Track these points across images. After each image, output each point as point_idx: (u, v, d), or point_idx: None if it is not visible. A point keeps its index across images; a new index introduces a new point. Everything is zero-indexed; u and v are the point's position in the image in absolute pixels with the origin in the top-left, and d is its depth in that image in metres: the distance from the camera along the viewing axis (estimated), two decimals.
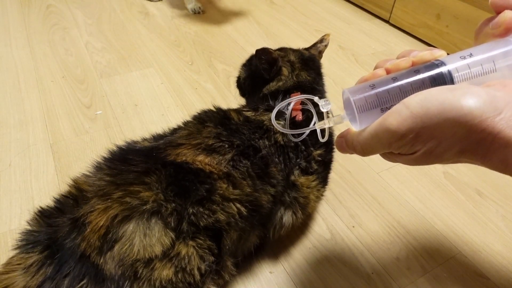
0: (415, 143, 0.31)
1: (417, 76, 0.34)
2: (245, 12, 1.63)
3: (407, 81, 0.34)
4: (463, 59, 0.33)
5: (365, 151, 0.35)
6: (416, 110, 0.30)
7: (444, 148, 0.31)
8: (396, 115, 0.31)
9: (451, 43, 1.35)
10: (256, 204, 0.57)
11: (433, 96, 0.30)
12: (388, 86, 0.34)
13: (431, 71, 0.33)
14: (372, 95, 0.34)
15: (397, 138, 0.31)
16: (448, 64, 0.33)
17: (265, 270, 0.70)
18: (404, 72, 0.34)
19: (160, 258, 0.46)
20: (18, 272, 0.44)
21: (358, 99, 0.34)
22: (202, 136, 0.58)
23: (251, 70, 0.79)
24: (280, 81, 0.72)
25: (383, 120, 0.32)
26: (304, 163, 0.64)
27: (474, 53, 0.33)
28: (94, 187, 0.50)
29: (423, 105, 0.30)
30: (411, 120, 0.30)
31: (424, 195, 0.85)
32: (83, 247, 0.45)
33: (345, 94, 0.36)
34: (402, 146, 0.32)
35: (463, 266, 0.71)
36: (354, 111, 0.34)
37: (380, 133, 0.32)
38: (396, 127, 0.31)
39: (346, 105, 0.36)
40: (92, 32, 1.43)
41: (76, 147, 0.92)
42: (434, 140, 0.31)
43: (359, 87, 0.35)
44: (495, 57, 0.33)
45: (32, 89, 1.11)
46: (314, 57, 0.78)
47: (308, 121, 0.42)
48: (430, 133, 0.30)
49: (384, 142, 0.33)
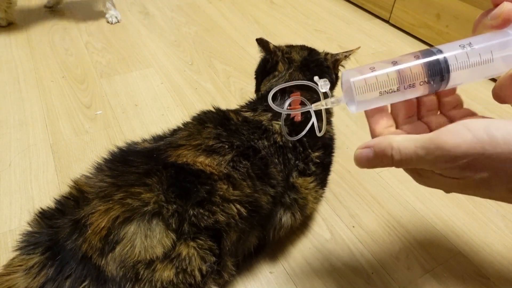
0: (466, 169, 0.29)
1: (416, 61, 0.34)
2: (245, 12, 1.62)
3: (407, 65, 0.34)
4: (462, 48, 0.33)
5: (403, 162, 0.32)
6: (479, 135, 0.28)
7: (498, 181, 0.29)
8: (454, 135, 0.28)
9: None
10: (256, 204, 0.57)
11: (501, 125, 0.28)
12: (388, 69, 0.34)
13: (429, 58, 0.34)
14: (372, 77, 0.34)
15: (448, 159, 0.29)
16: (445, 51, 0.34)
17: (265, 270, 0.70)
18: (404, 56, 0.35)
19: (161, 260, 0.46)
20: (20, 274, 0.44)
21: (358, 81, 0.34)
22: (202, 137, 0.59)
23: (258, 64, 0.81)
24: (275, 77, 0.73)
25: (435, 136, 0.29)
26: (302, 164, 0.64)
27: (473, 42, 0.33)
28: (95, 188, 0.50)
29: (488, 131, 0.28)
30: (471, 144, 0.28)
31: (424, 195, 0.85)
32: (85, 249, 0.45)
33: (344, 75, 0.35)
34: (449, 168, 0.30)
35: (463, 266, 0.72)
36: (352, 92, 0.34)
37: (431, 149, 0.29)
38: (452, 147, 0.28)
39: (345, 88, 0.36)
40: (92, 32, 1.43)
41: (76, 147, 0.92)
42: (490, 170, 0.28)
43: (358, 69, 0.35)
44: (493, 48, 0.33)
45: (32, 89, 1.11)
46: (322, 61, 0.76)
47: (307, 122, 0.42)
48: (489, 162, 0.28)
49: (431, 159, 0.30)
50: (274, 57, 0.76)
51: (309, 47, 0.80)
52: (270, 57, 0.76)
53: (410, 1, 1.46)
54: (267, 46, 0.75)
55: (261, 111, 0.66)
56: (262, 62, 0.80)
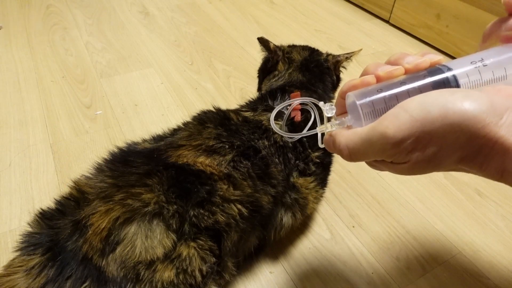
0: (413, 150, 0.29)
1: (426, 80, 0.31)
2: (245, 12, 1.62)
3: (417, 85, 0.31)
4: (474, 64, 0.31)
5: (353, 157, 0.32)
6: (415, 113, 0.28)
7: (444, 155, 0.29)
8: (393, 119, 0.28)
9: (451, 43, 1.35)
10: (256, 204, 0.57)
11: (434, 99, 0.28)
12: (397, 90, 0.31)
13: (439, 76, 0.31)
14: (380, 99, 0.31)
15: (394, 144, 0.29)
16: (455, 69, 0.31)
17: (265, 270, 0.70)
18: (412, 76, 0.32)
19: (161, 260, 0.46)
20: (20, 275, 0.44)
21: (365, 104, 0.32)
22: (202, 137, 0.59)
23: (261, 63, 0.82)
24: (275, 76, 0.74)
25: (377, 124, 0.29)
26: (302, 164, 0.64)
27: (485, 58, 0.31)
28: (96, 189, 0.50)
29: (423, 108, 0.28)
30: (410, 124, 0.28)
31: (424, 195, 0.85)
32: (85, 249, 0.45)
33: (349, 98, 0.33)
34: (397, 154, 0.29)
35: (463, 266, 0.72)
36: (360, 115, 0.32)
37: (374, 138, 0.30)
38: (394, 131, 0.28)
39: (351, 109, 0.34)
40: (92, 32, 1.42)
41: (76, 147, 0.92)
42: (433, 146, 0.28)
43: (365, 90, 0.33)
44: (506, 63, 0.31)
45: (32, 89, 1.11)
46: (321, 62, 0.76)
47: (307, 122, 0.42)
48: (430, 138, 0.28)
49: (378, 149, 0.30)
50: (274, 57, 0.76)
51: (312, 48, 0.80)
52: (271, 56, 0.76)
53: (410, 1, 1.46)
54: (268, 45, 0.76)
55: (261, 111, 0.66)
56: (265, 61, 0.81)
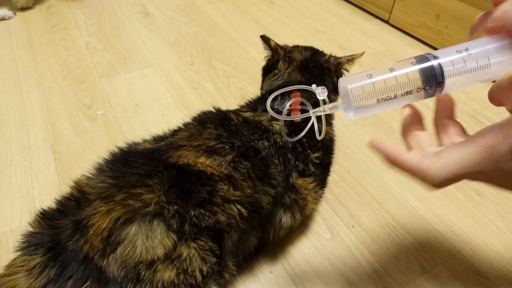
0: None
1: (413, 68, 0.34)
2: (245, 12, 1.63)
3: (405, 71, 0.34)
4: (459, 53, 0.34)
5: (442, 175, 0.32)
6: None
7: None
8: None
9: (451, 44, 1.32)
10: (256, 205, 0.57)
11: None
12: (385, 76, 0.34)
13: (425, 64, 0.34)
14: (369, 84, 0.34)
15: None
16: (441, 57, 0.34)
17: (265, 270, 0.70)
18: (400, 63, 0.35)
19: (162, 260, 0.46)
20: (21, 274, 0.44)
21: (355, 88, 0.34)
22: (203, 137, 0.59)
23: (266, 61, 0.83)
24: (275, 75, 0.74)
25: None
26: (301, 165, 0.65)
27: (470, 47, 0.34)
28: (96, 189, 0.50)
29: None
30: None
31: (424, 195, 0.85)
32: (86, 250, 0.45)
33: (342, 82, 0.36)
34: None
35: (463, 265, 0.72)
36: (350, 99, 0.34)
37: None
38: None
39: (343, 94, 0.36)
40: (93, 33, 1.43)
41: (76, 147, 0.93)
42: None
43: (356, 76, 0.35)
44: (489, 52, 0.33)
45: (33, 89, 1.11)
46: (322, 63, 0.76)
47: (306, 122, 0.42)
48: None
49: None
50: (275, 55, 0.77)
51: (315, 49, 0.80)
52: (272, 54, 0.77)
53: (410, 1, 1.46)
54: (269, 43, 0.77)
55: (261, 111, 0.67)
56: (267, 59, 0.82)
